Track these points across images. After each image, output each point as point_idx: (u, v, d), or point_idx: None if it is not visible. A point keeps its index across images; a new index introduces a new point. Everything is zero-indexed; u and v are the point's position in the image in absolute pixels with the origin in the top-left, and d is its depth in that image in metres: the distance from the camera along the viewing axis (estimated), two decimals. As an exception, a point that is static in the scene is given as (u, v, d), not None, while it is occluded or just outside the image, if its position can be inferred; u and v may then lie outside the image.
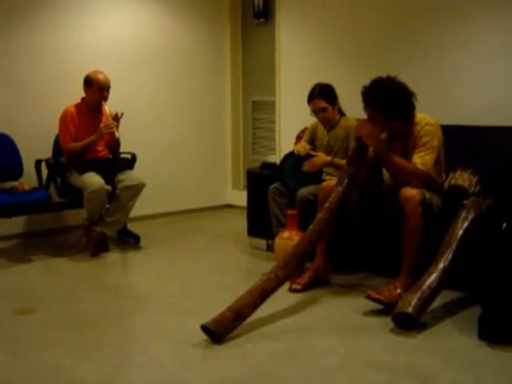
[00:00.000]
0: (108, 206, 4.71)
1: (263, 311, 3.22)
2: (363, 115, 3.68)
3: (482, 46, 4.46)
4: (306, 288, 3.77)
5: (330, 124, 4.41)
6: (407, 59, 4.82)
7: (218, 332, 2.96)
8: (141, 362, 2.84)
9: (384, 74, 3.61)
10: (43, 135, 5.06)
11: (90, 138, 4.72)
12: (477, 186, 3.55)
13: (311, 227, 3.47)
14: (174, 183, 6.13)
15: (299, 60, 5.71)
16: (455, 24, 4.58)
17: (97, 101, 4.80)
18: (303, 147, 4.44)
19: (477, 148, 4.14)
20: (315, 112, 4.36)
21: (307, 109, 4.43)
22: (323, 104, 4.31)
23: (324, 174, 4.38)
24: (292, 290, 3.74)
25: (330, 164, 4.30)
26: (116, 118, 4.74)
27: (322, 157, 4.32)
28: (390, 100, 3.52)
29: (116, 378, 2.68)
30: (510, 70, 4.33)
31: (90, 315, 3.43)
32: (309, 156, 4.35)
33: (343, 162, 3.98)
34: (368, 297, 3.35)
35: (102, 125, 4.72)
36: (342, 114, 4.47)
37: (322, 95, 4.31)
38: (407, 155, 3.60)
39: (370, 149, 3.63)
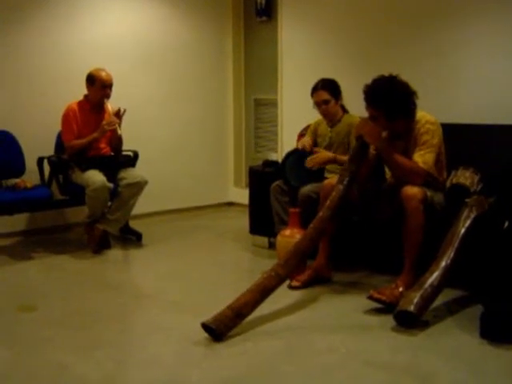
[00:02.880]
0: (110, 203, 4.72)
1: (264, 309, 3.22)
2: (365, 113, 3.67)
3: (483, 46, 4.45)
4: (305, 286, 3.77)
5: (332, 119, 4.41)
6: (409, 58, 4.81)
7: (219, 330, 2.97)
8: (142, 359, 2.84)
9: (386, 73, 3.60)
10: (45, 133, 5.05)
11: (93, 135, 4.73)
12: (479, 185, 3.54)
13: (312, 225, 3.46)
14: (176, 181, 6.13)
15: (301, 58, 5.70)
16: (456, 24, 4.57)
17: (99, 98, 4.80)
18: (308, 142, 4.44)
19: (478, 146, 4.13)
20: (318, 104, 4.36)
21: (309, 107, 4.44)
22: (326, 96, 4.31)
23: (326, 172, 4.38)
24: (291, 288, 3.74)
25: (333, 160, 4.29)
26: (118, 115, 4.75)
27: (324, 153, 4.32)
28: (391, 99, 3.51)
29: (117, 376, 2.69)
30: (509, 69, 4.32)
31: (92, 313, 3.43)
32: (311, 152, 4.35)
33: (346, 158, 3.97)
34: (370, 297, 3.35)
35: (104, 122, 4.73)
36: (345, 110, 4.48)
37: (326, 88, 4.33)
38: (408, 154, 3.60)
39: (372, 147, 3.63)
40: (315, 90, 4.36)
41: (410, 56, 4.81)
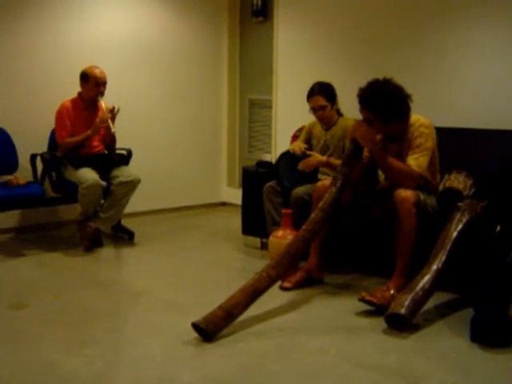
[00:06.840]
0: (103, 201, 4.71)
1: (255, 310, 3.22)
2: (360, 115, 3.67)
3: (479, 48, 4.46)
4: (296, 287, 3.77)
5: (327, 123, 4.41)
6: (405, 60, 4.82)
7: (209, 330, 2.96)
8: (132, 358, 2.84)
9: (381, 75, 3.60)
10: (39, 129, 5.03)
11: (86, 132, 4.72)
12: (471, 189, 3.55)
13: (304, 227, 3.46)
14: (169, 180, 6.12)
15: (297, 59, 5.70)
16: (452, 25, 4.58)
17: (93, 96, 4.79)
18: (299, 146, 4.44)
19: (472, 151, 4.14)
20: (314, 109, 4.34)
21: (304, 108, 4.43)
22: (323, 102, 4.29)
23: (319, 174, 4.38)
24: (282, 288, 3.74)
25: (325, 164, 4.30)
26: (112, 112, 4.73)
27: (317, 156, 4.32)
28: (386, 102, 3.51)
29: (107, 374, 2.68)
30: (506, 72, 4.34)
31: (83, 310, 3.43)
32: (304, 155, 4.35)
33: (338, 162, 3.98)
34: (361, 299, 3.35)
35: (97, 119, 4.71)
36: (339, 114, 4.47)
37: (323, 93, 4.30)
38: (402, 157, 3.61)
39: (365, 150, 3.63)
40: (312, 94, 4.32)
41: (405, 58, 4.83)
